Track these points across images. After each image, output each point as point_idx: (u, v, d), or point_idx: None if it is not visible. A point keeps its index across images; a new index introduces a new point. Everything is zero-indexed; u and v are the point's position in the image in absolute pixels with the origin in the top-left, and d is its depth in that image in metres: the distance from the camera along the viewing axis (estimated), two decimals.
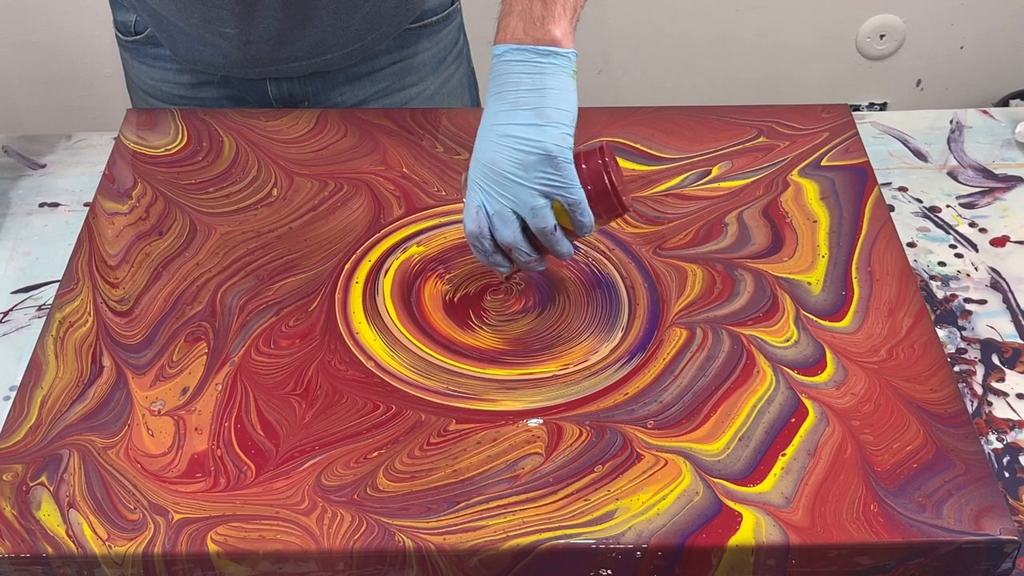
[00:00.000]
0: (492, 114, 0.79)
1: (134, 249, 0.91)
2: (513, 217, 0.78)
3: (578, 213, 0.78)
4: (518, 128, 0.77)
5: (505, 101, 0.78)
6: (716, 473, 0.74)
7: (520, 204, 0.77)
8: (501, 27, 0.80)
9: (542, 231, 0.78)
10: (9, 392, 0.87)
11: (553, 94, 0.77)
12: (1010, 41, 1.99)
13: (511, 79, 0.78)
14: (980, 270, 0.98)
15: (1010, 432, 0.85)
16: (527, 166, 0.76)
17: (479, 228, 0.79)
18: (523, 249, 0.79)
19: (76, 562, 0.71)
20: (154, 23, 1.07)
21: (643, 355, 0.82)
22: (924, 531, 0.71)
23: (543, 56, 0.77)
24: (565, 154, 0.76)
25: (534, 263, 0.81)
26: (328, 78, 1.09)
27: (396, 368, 0.81)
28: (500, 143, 0.77)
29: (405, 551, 0.70)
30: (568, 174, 0.76)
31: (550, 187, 0.77)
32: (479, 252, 0.81)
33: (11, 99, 1.93)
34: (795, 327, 0.84)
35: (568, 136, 0.77)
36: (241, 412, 0.78)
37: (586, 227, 0.79)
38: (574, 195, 0.77)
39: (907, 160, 1.09)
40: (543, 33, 0.77)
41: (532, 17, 0.78)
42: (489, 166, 0.78)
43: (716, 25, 1.92)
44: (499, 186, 0.77)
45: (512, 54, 0.78)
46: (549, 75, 0.77)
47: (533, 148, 0.76)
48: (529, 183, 0.76)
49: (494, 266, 0.82)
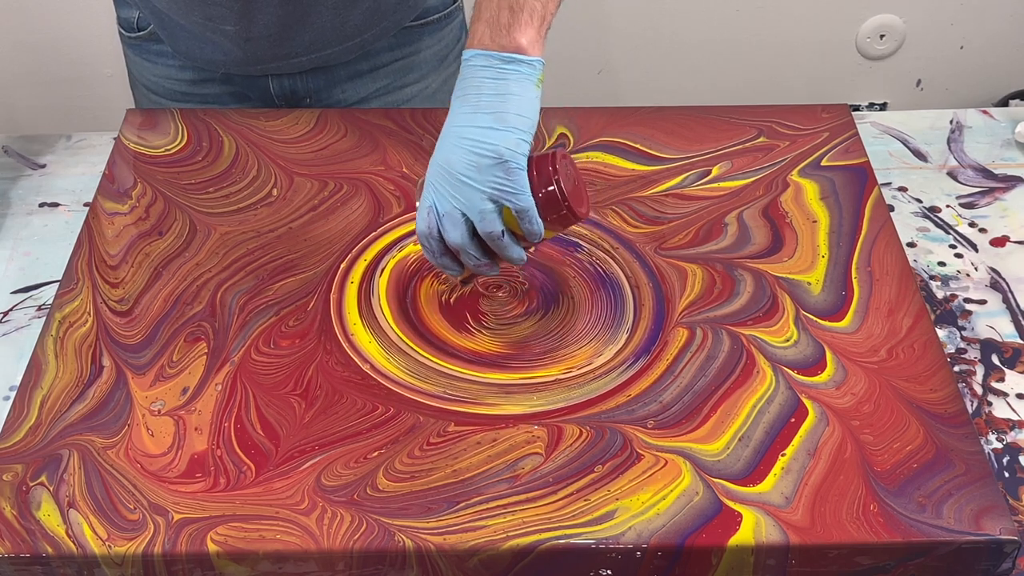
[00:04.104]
0: (454, 116, 0.79)
1: (134, 249, 0.91)
2: (462, 219, 0.77)
3: (526, 221, 0.77)
4: (475, 131, 0.77)
5: (467, 104, 0.78)
6: (716, 473, 0.74)
7: (470, 207, 0.77)
8: (470, 32, 0.80)
9: (489, 235, 0.77)
10: (9, 392, 0.87)
11: (514, 100, 0.77)
12: (1010, 41, 1.99)
13: (474, 83, 0.78)
14: (980, 270, 0.98)
15: (1010, 432, 0.85)
16: (480, 168, 0.76)
17: (428, 228, 0.79)
18: (471, 252, 0.78)
19: (76, 562, 0.71)
20: (156, 20, 1.07)
21: (647, 357, 0.82)
22: (924, 531, 0.71)
23: (507, 63, 0.77)
24: (518, 160, 0.76)
25: (484, 267, 0.80)
26: (330, 75, 1.09)
27: (392, 371, 0.81)
28: (457, 144, 0.77)
29: (405, 551, 0.70)
30: (518, 180, 0.76)
31: (499, 191, 0.76)
32: (428, 253, 0.81)
33: (11, 99, 1.93)
34: (795, 327, 0.84)
35: (524, 142, 0.77)
36: (241, 412, 0.78)
37: (534, 235, 0.78)
38: (522, 202, 0.76)
39: (907, 160, 1.09)
40: (508, 40, 0.78)
41: (499, 24, 0.78)
42: (444, 166, 0.78)
43: (716, 25, 1.92)
44: (451, 187, 0.77)
45: (477, 59, 0.78)
46: (512, 81, 0.77)
47: (487, 151, 0.76)
48: (480, 186, 0.76)
49: (444, 268, 0.81)
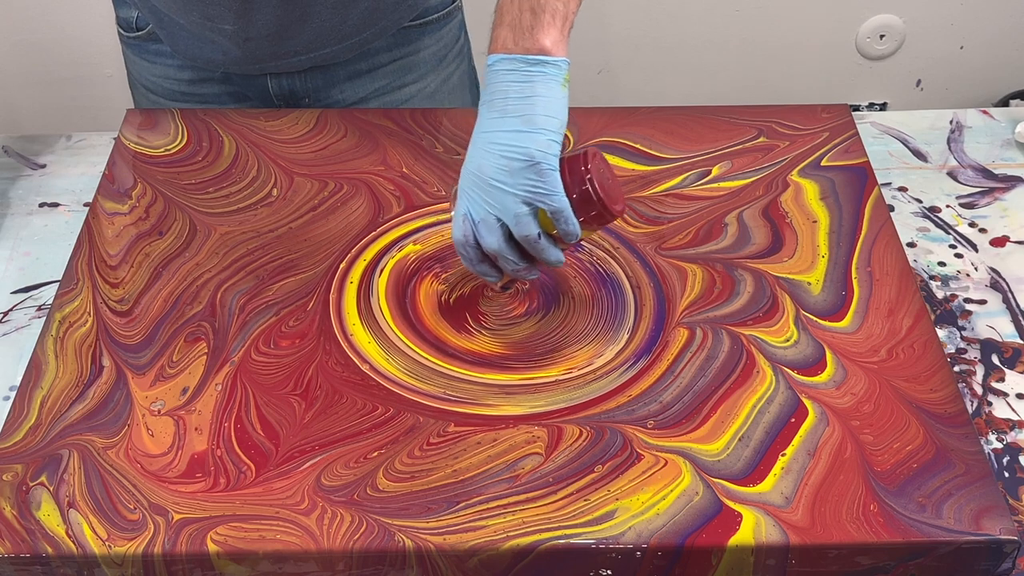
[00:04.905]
0: (482, 122, 0.79)
1: (134, 249, 0.91)
2: (497, 225, 0.77)
3: (562, 221, 0.77)
4: (504, 135, 0.77)
5: (495, 109, 0.78)
6: (716, 473, 0.74)
7: (504, 211, 0.77)
8: (493, 37, 0.80)
9: (526, 239, 0.77)
10: (9, 392, 0.87)
11: (541, 101, 0.77)
12: (1010, 41, 1.99)
13: (500, 88, 0.78)
14: (980, 270, 0.98)
15: (1010, 432, 0.85)
16: (512, 172, 0.76)
17: (465, 236, 0.79)
18: (509, 257, 0.78)
19: (76, 562, 0.71)
20: (155, 20, 1.07)
21: (648, 357, 0.82)
22: (924, 531, 0.71)
23: (532, 65, 0.77)
24: (549, 161, 0.76)
25: (523, 271, 0.80)
26: (329, 75, 1.09)
27: (391, 371, 0.81)
28: (487, 150, 0.77)
29: (405, 551, 0.70)
30: (551, 181, 0.76)
31: (533, 194, 0.76)
32: (466, 261, 0.81)
33: (11, 99, 1.93)
34: (795, 327, 0.84)
35: (554, 143, 0.76)
36: (241, 412, 0.78)
37: (571, 235, 0.77)
38: (557, 203, 0.76)
39: (907, 160, 1.09)
40: (532, 43, 0.78)
41: (521, 27, 0.78)
42: (476, 173, 0.78)
43: (716, 25, 1.92)
44: (484, 193, 0.77)
45: (502, 64, 0.78)
46: (538, 83, 0.77)
47: (518, 154, 0.76)
48: (513, 189, 0.76)
49: (483, 275, 0.81)
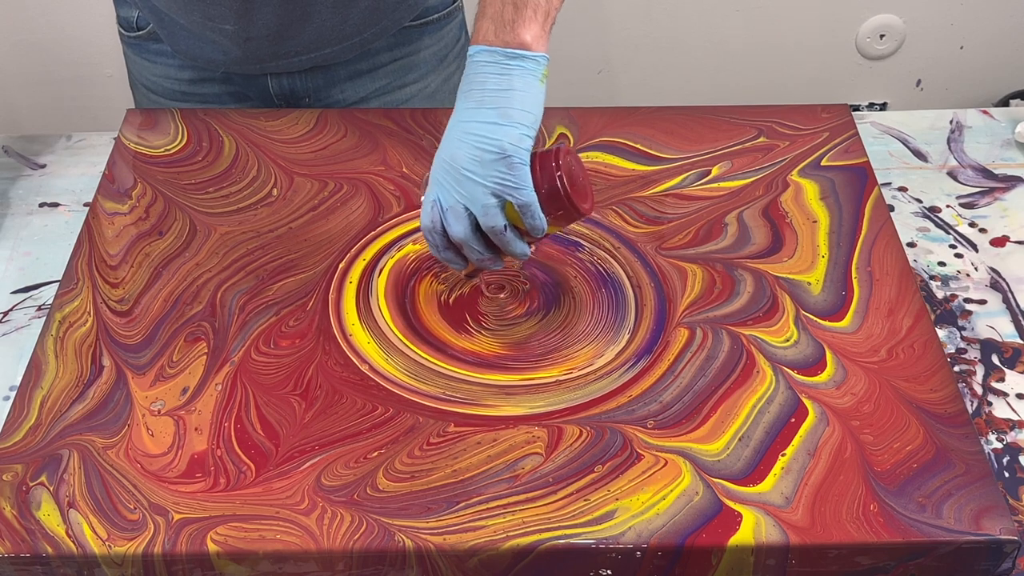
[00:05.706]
0: (458, 111, 0.79)
1: (134, 249, 0.91)
2: (465, 214, 0.78)
3: (528, 216, 0.77)
4: (479, 126, 0.77)
5: (471, 100, 0.78)
6: (716, 473, 0.74)
7: (473, 201, 0.77)
8: (475, 29, 0.81)
9: (492, 230, 0.78)
10: (9, 392, 0.87)
11: (518, 95, 0.77)
12: (1010, 41, 1.99)
13: (478, 79, 0.79)
14: (980, 270, 0.98)
15: (1010, 432, 0.85)
16: (483, 163, 0.76)
17: (432, 223, 0.80)
18: (474, 247, 0.79)
19: (76, 562, 0.71)
20: (155, 19, 1.07)
21: (649, 358, 0.82)
22: (924, 531, 0.71)
23: (511, 59, 0.78)
24: (521, 155, 0.76)
25: (487, 262, 0.80)
26: (329, 74, 1.09)
27: (391, 372, 0.81)
28: (461, 139, 0.78)
29: (405, 551, 0.70)
30: (520, 175, 0.76)
31: (502, 186, 0.76)
32: (432, 247, 0.82)
33: (11, 99, 1.93)
34: (795, 327, 0.84)
35: (527, 137, 0.77)
36: (241, 412, 0.78)
37: (537, 230, 0.78)
38: (524, 197, 0.76)
39: (907, 160, 1.09)
40: (512, 36, 0.78)
41: (503, 21, 0.79)
42: (448, 161, 0.78)
43: (716, 25, 1.92)
44: (455, 181, 0.78)
45: (482, 55, 0.79)
46: (516, 77, 0.78)
47: (490, 146, 0.76)
48: (483, 181, 0.76)
49: (447, 262, 0.82)
